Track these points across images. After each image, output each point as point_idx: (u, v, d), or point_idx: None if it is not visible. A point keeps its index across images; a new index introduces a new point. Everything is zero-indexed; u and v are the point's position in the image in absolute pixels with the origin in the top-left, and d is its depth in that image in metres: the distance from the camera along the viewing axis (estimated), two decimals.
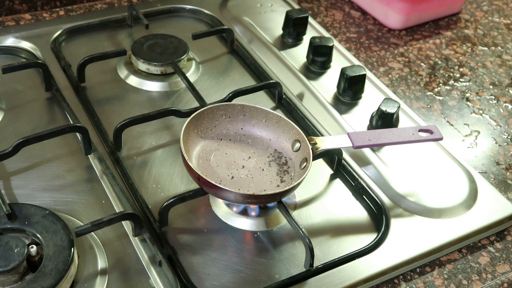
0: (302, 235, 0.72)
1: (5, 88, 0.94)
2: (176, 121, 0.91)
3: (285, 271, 0.73)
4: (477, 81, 1.09)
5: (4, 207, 0.70)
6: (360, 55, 1.11)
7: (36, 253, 0.68)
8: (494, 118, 1.01)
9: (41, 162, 0.83)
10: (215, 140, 0.82)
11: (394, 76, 1.07)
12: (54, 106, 0.93)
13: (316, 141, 0.79)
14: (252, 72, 1.04)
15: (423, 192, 0.83)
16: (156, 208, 0.76)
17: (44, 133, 0.80)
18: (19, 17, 1.10)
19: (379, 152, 0.88)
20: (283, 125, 0.82)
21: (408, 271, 0.75)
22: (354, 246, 0.77)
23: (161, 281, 0.70)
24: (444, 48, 1.16)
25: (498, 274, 0.77)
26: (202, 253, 0.74)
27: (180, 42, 1.03)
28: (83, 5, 1.14)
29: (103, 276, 0.70)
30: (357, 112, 0.96)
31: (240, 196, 0.71)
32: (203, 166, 0.78)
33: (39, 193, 0.79)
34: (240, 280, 0.72)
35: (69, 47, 1.05)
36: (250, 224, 0.78)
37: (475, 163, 0.92)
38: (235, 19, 1.13)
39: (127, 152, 0.86)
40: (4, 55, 1.01)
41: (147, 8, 1.13)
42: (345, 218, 0.81)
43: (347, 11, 1.23)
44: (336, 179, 0.86)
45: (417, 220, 0.80)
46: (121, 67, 1.01)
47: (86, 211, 0.77)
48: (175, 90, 0.99)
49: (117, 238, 0.74)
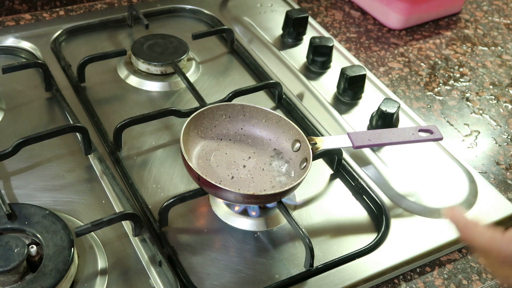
0: (302, 235, 0.72)
1: (5, 88, 0.94)
2: (176, 121, 0.91)
3: (285, 271, 0.73)
4: (477, 81, 1.09)
5: (4, 207, 0.70)
6: (360, 55, 1.11)
7: (36, 253, 0.68)
8: (494, 118, 1.01)
9: (41, 162, 0.83)
10: (215, 140, 0.82)
11: (394, 76, 1.07)
12: (54, 106, 0.93)
13: (316, 141, 0.79)
14: (252, 72, 1.04)
15: (423, 192, 0.83)
16: (156, 208, 0.76)
17: (44, 133, 0.80)
18: (19, 17, 1.10)
19: (379, 152, 0.88)
20: (283, 125, 0.82)
21: (408, 271, 0.75)
22: (354, 246, 0.77)
23: (161, 281, 0.70)
24: (444, 48, 1.16)
25: None
26: (202, 253, 0.74)
27: (180, 42, 1.03)
28: (83, 5, 1.14)
29: (103, 276, 0.70)
30: (357, 112, 0.96)
31: (240, 196, 0.71)
32: (203, 166, 0.78)
33: (39, 193, 0.79)
34: (240, 280, 0.72)
35: (69, 47, 1.05)
36: (250, 224, 0.78)
37: (475, 163, 0.92)
38: (235, 19, 1.13)
39: (127, 152, 0.86)
40: (4, 55, 1.01)
41: (147, 8, 1.13)
42: (345, 218, 0.81)
43: (347, 11, 1.23)
44: (336, 179, 0.86)
45: (417, 220, 0.80)
46: (121, 67, 1.01)
47: (86, 211, 0.77)
48: (175, 90, 0.99)
49: (117, 238, 0.74)
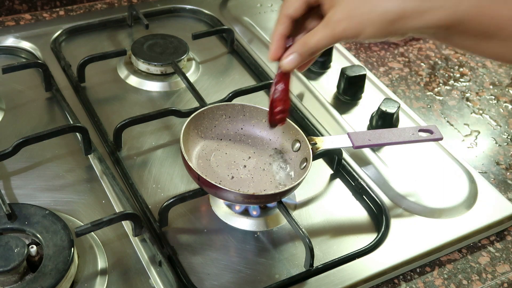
0: (302, 235, 0.72)
1: (5, 88, 0.94)
2: (176, 121, 0.91)
3: (285, 271, 0.73)
4: (477, 81, 1.09)
5: (4, 207, 0.70)
6: (360, 55, 1.11)
7: (36, 253, 0.68)
8: (494, 118, 1.01)
9: (41, 162, 0.83)
10: (215, 140, 0.82)
11: (394, 76, 1.07)
12: (54, 106, 0.93)
13: (316, 141, 0.79)
14: (252, 72, 1.04)
15: (423, 192, 0.83)
16: (156, 208, 0.76)
17: (44, 133, 0.80)
18: (19, 17, 1.10)
19: (379, 152, 0.88)
20: (283, 125, 0.82)
21: (408, 271, 0.76)
22: (354, 246, 0.77)
23: (161, 281, 0.70)
24: (444, 48, 1.16)
25: (498, 274, 0.77)
26: (202, 253, 0.74)
27: (180, 42, 1.03)
28: (83, 5, 1.14)
29: (103, 276, 0.70)
30: (357, 112, 0.95)
31: (240, 196, 0.71)
32: (203, 166, 0.78)
33: (39, 193, 0.79)
34: (240, 280, 0.72)
35: (69, 47, 1.05)
36: (250, 224, 0.78)
37: (475, 163, 0.92)
38: (235, 19, 1.13)
39: (127, 152, 0.86)
40: (4, 55, 1.01)
41: (147, 8, 1.13)
42: (345, 218, 0.81)
43: None
44: (336, 179, 0.86)
45: (417, 220, 0.80)
46: (121, 67, 1.01)
47: (86, 211, 0.77)
48: (175, 90, 0.99)
49: (117, 238, 0.74)
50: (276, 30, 0.65)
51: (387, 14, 0.58)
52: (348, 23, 0.60)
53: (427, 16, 0.58)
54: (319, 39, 0.62)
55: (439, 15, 0.58)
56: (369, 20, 0.59)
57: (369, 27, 0.59)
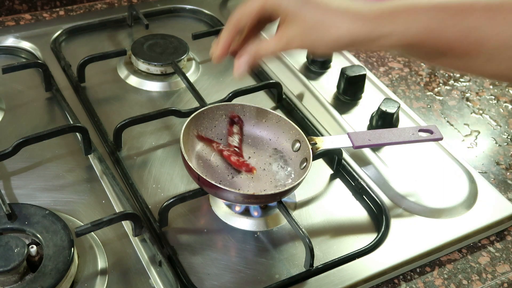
0: (302, 235, 0.72)
1: (5, 88, 0.94)
2: (176, 121, 0.91)
3: (285, 271, 0.73)
4: (477, 81, 1.09)
5: (4, 207, 0.70)
6: (360, 55, 1.11)
7: (36, 253, 0.68)
8: (494, 118, 1.01)
9: (41, 162, 0.83)
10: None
11: (394, 76, 1.07)
12: (54, 106, 0.93)
13: (316, 141, 0.79)
14: (252, 72, 1.04)
15: (423, 192, 0.83)
16: (156, 208, 0.76)
17: (44, 133, 0.80)
18: (19, 17, 1.10)
19: (379, 152, 0.88)
20: (283, 125, 0.82)
21: (408, 271, 0.75)
22: (354, 246, 0.77)
23: (161, 281, 0.70)
24: None
25: (498, 274, 0.77)
26: (202, 253, 0.74)
27: (180, 42, 1.03)
28: (83, 5, 1.14)
29: (103, 276, 0.70)
30: (357, 112, 0.95)
31: (240, 196, 0.71)
32: (203, 166, 0.78)
33: (39, 193, 0.79)
34: (240, 280, 0.72)
35: (69, 47, 1.05)
36: (250, 224, 0.78)
37: (475, 163, 0.92)
38: None
39: (127, 152, 0.86)
40: (4, 55, 1.01)
41: (147, 8, 1.13)
42: (345, 218, 0.81)
43: None
44: (336, 179, 0.86)
45: (417, 220, 0.80)
46: (121, 67, 1.01)
47: (86, 211, 0.77)
48: (175, 90, 0.99)
49: (117, 238, 0.74)
50: (223, 37, 0.68)
51: (339, 40, 0.60)
52: (302, 41, 0.62)
53: (379, 42, 0.59)
54: (272, 50, 0.65)
55: (390, 41, 0.59)
56: (322, 42, 0.61)
57: (322, 48, 0.62)
